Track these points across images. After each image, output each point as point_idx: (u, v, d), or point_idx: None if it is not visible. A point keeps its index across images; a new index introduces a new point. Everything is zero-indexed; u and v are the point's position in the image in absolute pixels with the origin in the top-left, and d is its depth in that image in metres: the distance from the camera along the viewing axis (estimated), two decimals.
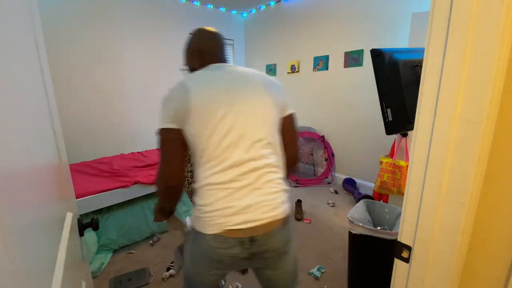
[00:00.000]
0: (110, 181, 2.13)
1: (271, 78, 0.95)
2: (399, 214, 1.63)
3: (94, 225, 0.80)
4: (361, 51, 3.05)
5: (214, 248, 0.81)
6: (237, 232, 0.79)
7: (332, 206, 2.92)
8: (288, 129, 0.94)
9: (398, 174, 2.03)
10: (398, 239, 0.63)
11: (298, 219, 2.57)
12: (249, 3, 3.98)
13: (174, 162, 0.83)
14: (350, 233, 1.53)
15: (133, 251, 2.08)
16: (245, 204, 0.80)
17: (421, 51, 0.69)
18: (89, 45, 2.97)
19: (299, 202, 2.72)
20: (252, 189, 0.81)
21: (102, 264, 1.90)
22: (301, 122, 3.94)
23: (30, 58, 0.56)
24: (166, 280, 1.82)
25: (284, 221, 0.87)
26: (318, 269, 1.84)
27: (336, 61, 3.34)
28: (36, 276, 0.41)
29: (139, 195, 2.21)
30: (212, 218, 0.80)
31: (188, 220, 2.47)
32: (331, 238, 2.26)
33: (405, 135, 2.07)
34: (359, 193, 3.05)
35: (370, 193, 2.91)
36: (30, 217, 0.42)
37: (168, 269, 1.88)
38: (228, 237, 0.79)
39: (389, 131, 1.27)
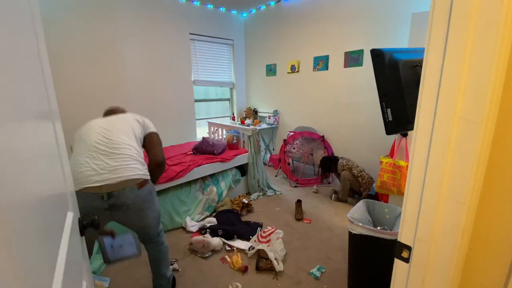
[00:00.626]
0: None
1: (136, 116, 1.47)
2: (399, 214, 1.62)
3: (95, 225, 0.80)
4: (361, 51, 3.05)
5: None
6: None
7: (315, 192, 3.23)
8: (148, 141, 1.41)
9: (398, 174, 2.03)
10: (398, 239, 0.63)
11: (298, 219, 2.57)
12: (249, 3, 3.99)
13: None
14: (350, 233, 1.53)
15: None
16: None
17: (421, 51, 0.69)
18: (89, 45, 2.97)
19: (299, 202, 2.72)
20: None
21: (102, 264, 1.90)
22: (301, 122, 3.94)
23: (30, 57, 0.56)
24: None
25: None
26: (318, 269, 1.84)
27: (336, 61, 3.34)
28: (37, 276, 0.41)
29: None
30: None
31: (188, 220, 2.48)
32: (331, 238, 2.26)
33: (405, 135, 2.07)
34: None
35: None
36: (31, 217, 0.42)
37: (171, 264, 1.89)
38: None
39: (389, 131, 1.26)
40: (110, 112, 1.52)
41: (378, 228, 1.47)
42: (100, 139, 1.21)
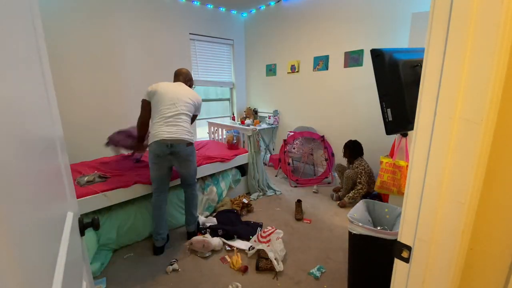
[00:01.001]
0: (110, 181, 2.13)
1: (192, 96, 2.12)
2: (399, 214, 1.62)
3: (95, 225, 0.79)
4: (361, 51, 3.05)
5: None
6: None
7: (315, 192, 3.24)
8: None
9: (398, 174, 2.03)
10: (398, 239, 0.63)
11: (298, 219, 2.57)
12: (249, 3, 3.99)
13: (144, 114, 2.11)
14: (350, 233, 1.53)
15: (132, 254, 2.08)
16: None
17: (421, 51, 0.69)
18: (89, 45, 2.98)
19: (299, 202, 2.72)
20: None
21: (102, 264, 1.90)
22: (301, 122, 3.94)
23: (30, 57, 0.56)
24: (169, 273, 1.85)
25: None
26: (318, 269, 1.84)
27: (336, 61, 3.34)
28: (36, 276, 0.41)
29: (139, 195, 2.21)
30: None
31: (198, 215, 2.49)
32: (331, 238, 2.26)
33: (405, 135, 2.07)
34: None
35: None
36: (31, 217, 0.42)
37: (171, 264, 1.91)
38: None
39: (389, 131, 1.27)
40: (178, 75, 2.21)
41: (378, 228, 1.47)
42: (170, 115, 1.96)
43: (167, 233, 2.14)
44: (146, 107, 2.07)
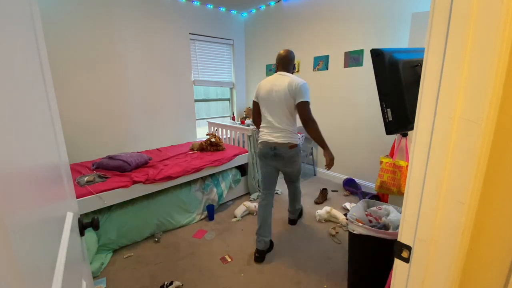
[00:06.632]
0: (110, 181, 2.13)
1: (294, 82, 1.86)
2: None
3: (95, 225, 0.79)
4: (361, 51, 3.05)
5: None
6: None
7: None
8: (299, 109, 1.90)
9: (398, 174, 2.02)
10: (398, 239, 0.63)
11: (318, 203, 2.63)
12: (249, 3, 3.98)
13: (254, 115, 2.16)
14: (350, 233, 1.54)
15: (132, 254, 2.08)
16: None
17: (421, 51, 0.69)
18: (89, 45, 2.97)
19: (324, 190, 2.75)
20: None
21: (102, 264, 1.90)
22: None
23: (30, 57, 0.56)
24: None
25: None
26: None
27: (336, 61, 3.34)
28: (36, 276, 0.41)
29: (139, 195, 2.21)
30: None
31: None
32: (331, 238, 2.26)
33: (405, 135, 2.07)
34: (363, 192, 3.06)
35: (372, 193, 2.90)
36: (31, 217, 0.42)
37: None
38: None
39: (389, 131, 1.26)
40: (277, 64, 2.06)
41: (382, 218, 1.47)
42: (269, 119, 1.97)
43: (270, 238, 2.07)
44: (255, 107, 2.11)
